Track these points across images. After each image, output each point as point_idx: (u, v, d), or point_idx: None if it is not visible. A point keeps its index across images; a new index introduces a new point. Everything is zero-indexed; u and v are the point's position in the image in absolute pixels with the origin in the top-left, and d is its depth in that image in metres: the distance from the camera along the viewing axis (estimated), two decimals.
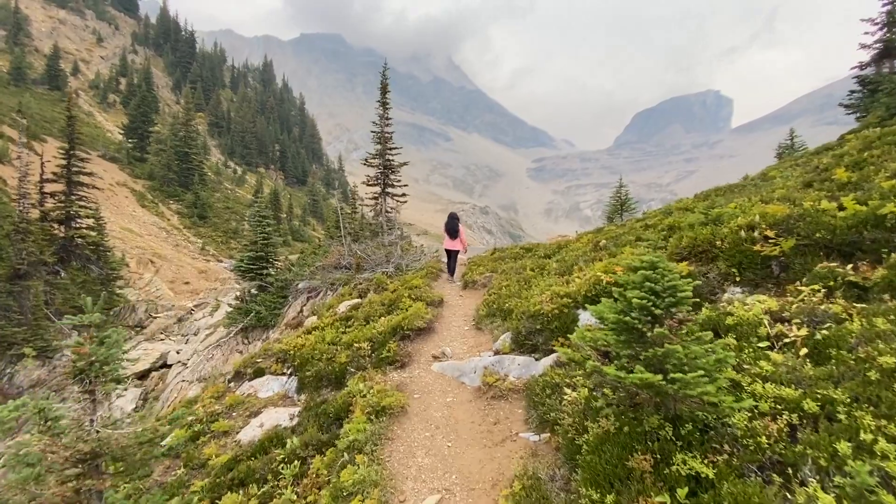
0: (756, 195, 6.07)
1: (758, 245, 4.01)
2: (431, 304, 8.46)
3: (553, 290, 5.23)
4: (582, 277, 5.25)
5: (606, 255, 5.78)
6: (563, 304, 4.75)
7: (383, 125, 15.07)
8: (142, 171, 60.45)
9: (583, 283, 4.93)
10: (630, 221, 11.37)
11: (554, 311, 4.74)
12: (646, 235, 6.30)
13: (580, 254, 7.56)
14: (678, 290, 2.46)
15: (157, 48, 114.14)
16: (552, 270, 7.16)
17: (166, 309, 30.59)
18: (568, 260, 7.41)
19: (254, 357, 9.20)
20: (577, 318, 4.68)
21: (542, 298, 5.20)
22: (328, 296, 11.84)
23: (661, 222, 6.67)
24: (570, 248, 9.58)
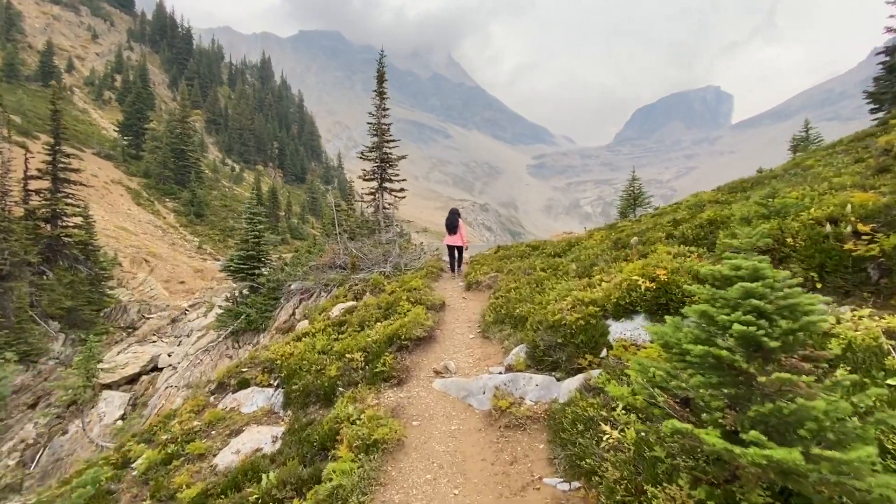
0: (812, 184, 5.32)
1: (848, 243, 3.25)
2: (432, 307, 7.69)
3: (574, 296, 4.46)
4: (609, 281, 4.48)
5: (635, 255, 5.00)
6: (590, 314, 3.99)
7: (380, 116, 14.25)
8: (137, 169, 59.63)
9: (612, 287, 4.16)
10: (645, 217, 10.60)
11: (578, 322, 3.97)
12: (679, 231, 5.53)
13: (598, 252, 6.79)
14: (800, 310, 1.69)
15: (153, 45, 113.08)
16: (568, 271, 6.39)
17: (160, 309, 29.83)
18: (584, 259, 6.64)
19: (239, 366, 8.44)
20: (606, 330, 3.91)
21: (562, 306, 4.43)
22: (322, 297, 11.08)
23: (695, 216, 5.87)
24: (583, 246, 8.80)
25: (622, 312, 3.91)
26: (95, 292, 22.46)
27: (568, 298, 4.48)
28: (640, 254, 5.24)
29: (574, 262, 6.66)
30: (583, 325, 3.93)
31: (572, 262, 6.71)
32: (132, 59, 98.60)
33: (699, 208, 6.71)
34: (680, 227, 5.61)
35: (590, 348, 3.83)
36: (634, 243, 4.69)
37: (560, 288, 5.44)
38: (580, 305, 4.26)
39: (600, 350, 3.85)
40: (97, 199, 49.12)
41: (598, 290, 4.47)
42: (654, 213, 10.96)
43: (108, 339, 23.40)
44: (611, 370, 3.36)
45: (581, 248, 8.53)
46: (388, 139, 14.18)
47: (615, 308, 3.94)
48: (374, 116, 14.29)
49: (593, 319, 3.94)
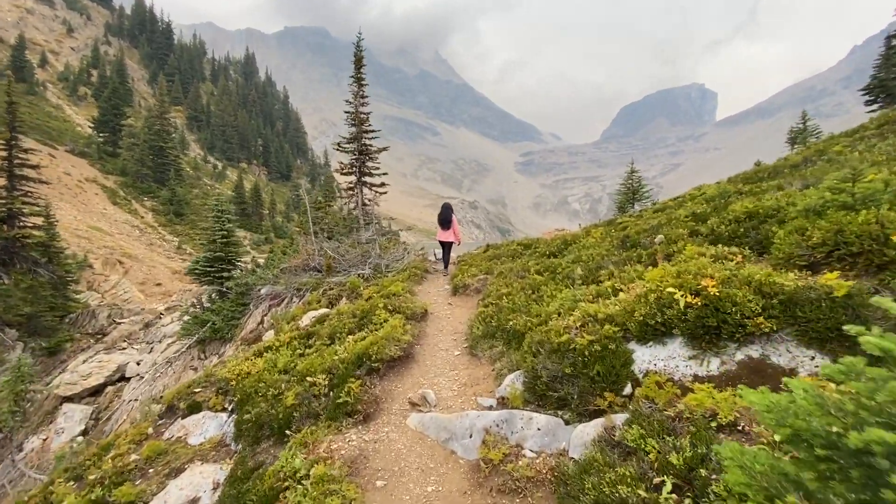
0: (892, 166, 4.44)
1: None
2: (412, 317, 6.70)
3: (584, 310, 3.51)
4: (627, 290, 3.54)
5: (660, 257, 4.06)
6: (607, 336, 3.05)
7: (358, 104, 13.12)
8: (114, 167, 57.53)
9: (634, 300, 3.23)
10: (646, 212, 9.74)
11: (592, 347, 3.03)
12: (706, 228, 4.60)
13: (602, 252, 5.86)
14: None
15: (132, 39, 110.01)
16: (568, 275, 5.45)
17: (133, 313, 28.35)
18: (587, 261, 5.71)
19: (191, 386, 7.36)
20: (630, 357, 2.98)
21: (569, 322, 3.49)
22: (293, 303, 10.03)
23: (723, 210, 4.96)
24: (582, 244, 7.88)
25: (650, 334, 2.99)
26: (59, 297, 21.02)
27: (576, 313, 3.53)
28: (665, 255, 4.32)
29: (576, 264, 5.72)
30: (598, 350, 2.99)
31: (574, 265, 5.77)
32: (109, 53, 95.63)
33: (723, 200, 5.81)
34: (707, 222, 4.69)
35: (609, 382, 2.89)
36: (658, 242, 3.80)
37: (563, 297, 4.50)
38: (592, 323, 3.32)
39: (623, 385, 2.92)
40: (70, 198, 47.11)
41: (614, 301, 3.53)
42: (654, 207, 10.13)
43: (73, 347, 21.98)
44: (643, 419, 2.42)
45: (580, 247, 7.60)
46: (368, 129, 13.05)
47: (640, 328, 3.01)
48: (351, 104, 13.15)
49: (612, 343, 3.00)
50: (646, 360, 2.95)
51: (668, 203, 10.18)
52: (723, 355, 2.60)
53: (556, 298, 4.65)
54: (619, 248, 5.77)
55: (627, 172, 11.08)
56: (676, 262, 3.64)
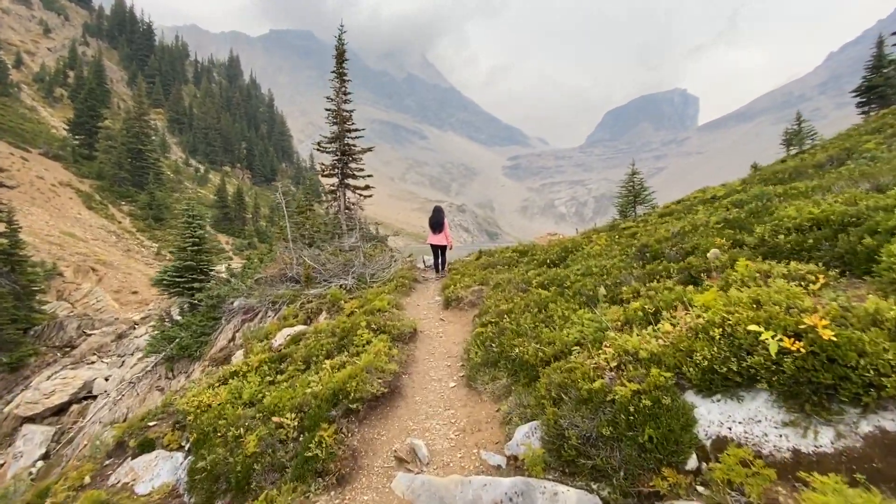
0: None
1: None
2: (399, 338, 5.87)
3: (618, 345, 2.74)
4: (674, 318, 2.75)
5: (715, 278, 3.27)
6: (657, 384, 2.28)
7: (340, 101, 12.21)
8: (90, 170, 55.55)
9: (688, 334, 2.44)
10: (651, 216, 9.07)
11: (640, 403, 2.24)
12: (754, 238, 3.85)
13: (616, 264, 5.10)
14: None
15: (111, 40, 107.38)
16: (580, 290, 4.67)
17: (106, 324, 26.95)
18: (599, 273, 4.95)
19: (146, 418, 6.43)
20: (691, 416, 2.21)
21: (599, 361, 2.71)
22: (268, 318, 9.12)
23: (772, 214, 4.24)
24: (586, 252, 7.14)
25: (719, 384, 2.22)
26: (22, 308, 19.67)
27: (608, 349, 2.74)
28: (721, 267, 3.52)
29: (587, 277, 4.96)
30: (648, 406, 2.21)
31: (585, 278, 5.00)
32: (87, 54, 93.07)
33: (760, 203, 5.08)
34: (753, 230, 3.96)
35: (666, 452, 2.11)
36: (714, 258, 3.05)
37: (579, 320, 3.73)
38: (632, 364, 2.55)
39: (685, 455, 2.14)
40: (42, 202, 45.19)
41: (653, 332, 2.76)
42: (659, 211, 9.48)
43: (37, 362, 20.60)
44: None
45: (584, 255, 6.86)
46: (351, 128, 12.17)
47: (703, 375, 2.25)
48: (332, 101, 12.24)
49: (665, 396, 2.23)
50: (714, 420, 2.18)
51: (673, 206, 9.54)
52: (839, 424, 1.84)
53: (571, 322, 3.87)
54: (638, 260, 5.03)
55: (628, 174, 10.42)
56: (735, 283, 2.89)
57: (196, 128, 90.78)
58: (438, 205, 11.36)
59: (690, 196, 9.84)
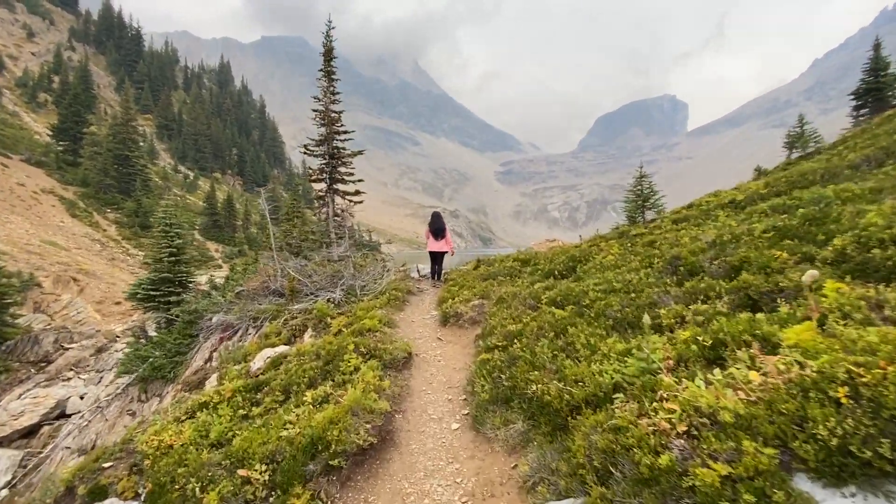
0: None
1: None
2: (391, 364, 5.13)
3: (685, 400, 2.02)
4: (766, 367, 2.03)
5: (814, 307, 2.52)
6: (758, 468, 1.60)
7: (328, 102, 11.45)
8: (74, 177, 54.20)
9: (788, 389, 1.76)
10: (664, 222, 8.44)
11: (740, 497, 1.56)
12: (827, 254, 3.18)
13: (641, 279, 4.42)
14: None
15: (98, 45, 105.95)
16: (603, 311, 3.98)
17: (85, 336, 25.83)
18: (622, 289, 4.26)
19: (101, 458, 5.60)
20: None
21: (661, 422, 2.00)
22: (248, 336, 8.33)
23: (838, 221, 3.60)
24: (599, 263, 6.47)
25: (857, 472, 1.53)
26: None
27: (672, 408, 2.03)
28: (797, 290, 2.82)
29: (612, 295, 4.25)
30: (756, 493, 1.52)
31: (608, 295, 4.30)
32: (73, 59, 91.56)
33: (820, 208, 4.42)
34: (834, 243, 3.27)
35: None
36: (809, 281, 2.42)
37: (610, 350, 3.05)
38: (708, 427, 1.85)
39: None
40: (22, 210, 43.84)
41: (730, 382, 2.06)
42: (671, 217, 8.85)
43: (8, 379, 19.52)
44: None
45: (598, 267, 6.18)
46: (340, 130, 11.41)
47: (829, 457, 1.55)
48: (320, 102, 11.48)
49: (774, 488, 1.54)
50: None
51: (685, 212, 8.92)
52: None
53: (600, 353, 3.18)
54: (670, 274, 4.35)
55: (636, 177, 9.80)
56: (831, 314, 2.21)
57: (185, 134, 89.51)
58: (437, 210, 10.73)
59: (702, 200, 9.24)
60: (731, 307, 3.14)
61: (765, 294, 3.12)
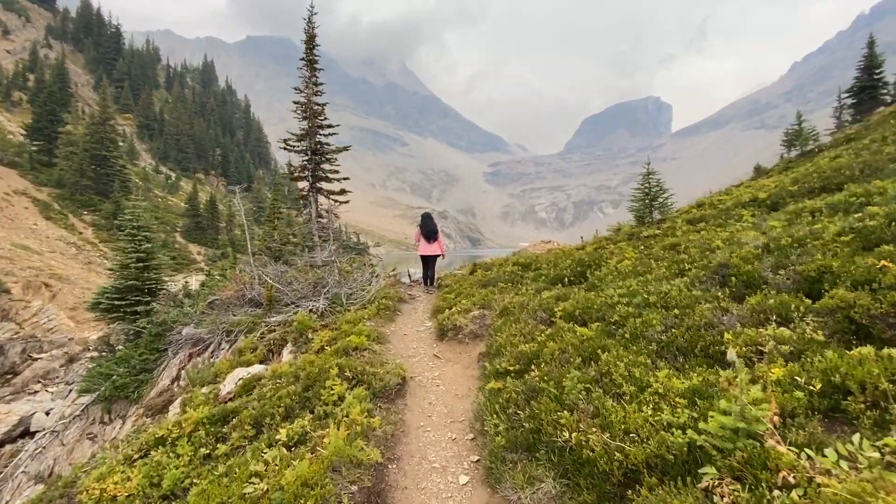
0: None
1: None
2: (382, 392, 4.36)
3: (831, 496, 1.35)
4: None
5: (868, 314, 1.84)
6: None
7: (311, 93, 10.53)
8: (48, 178, 52.22)
9: None
10: (678, 221, 7.78)
11: None
12: None
13: (687, 294, 3.69)
14: None
15: (76, 43, 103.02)
16: (641, 332, 3.27)
17: (56, 345, 24.51)
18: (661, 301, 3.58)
19: None
20: None
21: None
22: (221, 351, 7.48)
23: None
24: (615, 268, 5.78)
25: None
26: None
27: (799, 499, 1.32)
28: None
29: (650, 312, 3.54)
30: None
31: (645, 311, 3.59)
32: (50, 57, 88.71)
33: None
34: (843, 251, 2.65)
35: None
36: None
37: (666, 388, 2.34)
38: None
39: None
40: None
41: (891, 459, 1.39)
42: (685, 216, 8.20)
43: None
44: None
45: (614, 273, 5.49)
46: (323, 123, 10.49)
47: None
48: (301, 93, 10.56)
49: None
50: None
51: (696, 211, 8.29)
52: None
53: (652, 392, 2.46)
54: (718, 286, 3.65)
55: (643, 175, 9.13)
56: None
57: (167, 134, 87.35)
58: (428, 211, 9.98)
59: (713, 199, 8.64)
60: (828, 334, 2.45)
61: (878, 318, 2.42)
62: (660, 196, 8.88)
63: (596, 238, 9.16)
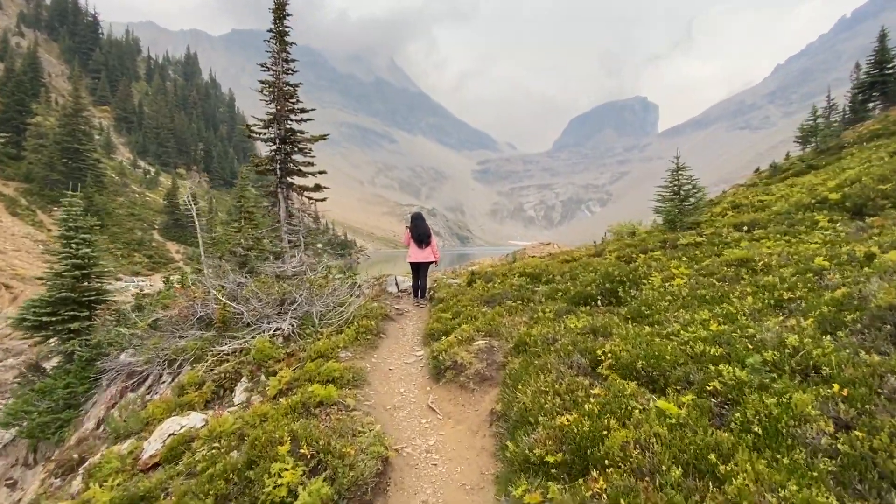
0: None
1: None
2: (352, 492, 2.94)
3: None
4: None
5: None
6: None
7: (280, 71, 8.93)
8: (16, 172, 49.49)
9: None
10: (718, 226, 6.48)
11: None
12: None
13: (830, 352, 2.40)
14: None
15: (51, 32, 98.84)
16: (791, 429, 2.00)
17: (12, 354, 22.53)
18: (780, 358, 2.29)
19: None
20: None
21: None
22: (161, 386, 5.99)
23: None
24: (661, 288, 4.47)
25: None
26: None
27: None
28: None
29: (779, 381, 2.24)
30: None
31: (799, 398, 2.26)
32: (22, 45, 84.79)
33: None
34: None
35: None
36: None
37: None
38: None
39: None
40: None
41: None
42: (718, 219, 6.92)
43: None
44: None
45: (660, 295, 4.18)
46: (295, 107, 8.88)
47: None
48: (269, 71, 8.90)
49: None
50: None
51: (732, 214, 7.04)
52: None
53: None
54: (884, 340, 2.35)
55: (672, 171, 7.77)
56: None
57: (147, 127, 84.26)
58: (418, 211, 8.51)
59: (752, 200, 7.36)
60: None
61: None
62: (692, 195, 7.55)
63: (616, 242, 7.85)
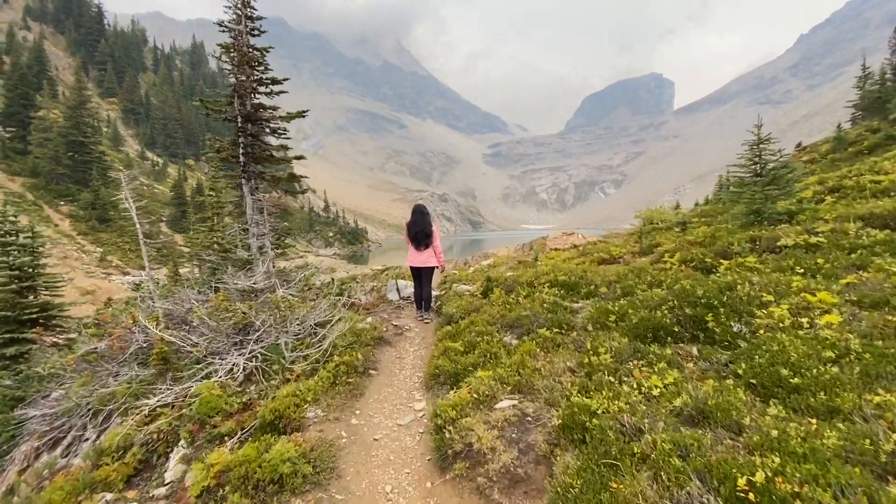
0: None
1: None
2: None
3: None
4: None
5: None
6: None
7: (243, 31, 7.13)
8: (22, 167, 49.01)
9: None
10: (832, 216, 4.75)
11: None
12: None
13: None
14: None
15: (57, 25, 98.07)
16: None
17: None
18: None
19: None
20: None
21: None
22: (84, 444, 4.58)
23: None
24: (791, 326, 2.83)
25: None
26: None
27: None
28: None
29: None
30: None
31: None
32: (28, 39, 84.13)
33: None
34: None
35: None
36: None
37: None
38: None
39: None
40: None
41: None
42: (813, 207, 5.21)
43: None
44: None
45: (793, 335, 2.57)
46: (264, 77, 7.08)
47: None
48: (229, 31, 7.12)
49: None
50: None
51: (844, 205, 5.25)
52: None
53: None
54: None
55: (751, 144, 5.86)
56: None
57: (154, 118, 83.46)
58: (420, 203, 6.81)
59: (860, 181, 5.57)
60: None
61: None
62: (784, 177, 5.66)
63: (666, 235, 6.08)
